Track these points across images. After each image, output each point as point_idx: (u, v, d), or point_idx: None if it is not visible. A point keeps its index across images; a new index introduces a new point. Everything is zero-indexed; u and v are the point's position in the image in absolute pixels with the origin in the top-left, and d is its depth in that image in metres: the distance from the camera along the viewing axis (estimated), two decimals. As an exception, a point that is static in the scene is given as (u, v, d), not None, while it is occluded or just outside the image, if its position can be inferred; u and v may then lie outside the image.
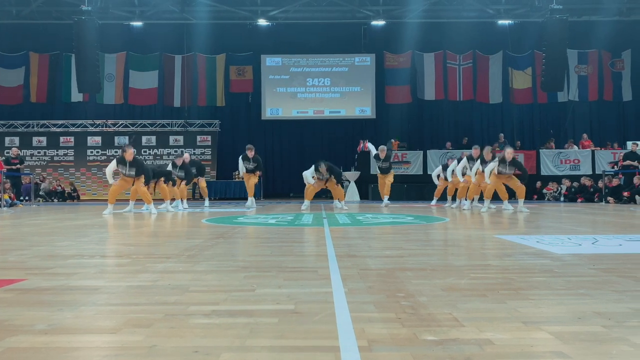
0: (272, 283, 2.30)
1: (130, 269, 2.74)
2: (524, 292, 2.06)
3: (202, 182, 11.26)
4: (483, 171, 9.00)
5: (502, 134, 17.19)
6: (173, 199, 9.87)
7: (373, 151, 11.08)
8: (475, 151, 9.66)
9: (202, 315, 1.74)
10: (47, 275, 2.51)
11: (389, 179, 10.93)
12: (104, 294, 2.09)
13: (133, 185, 8.67)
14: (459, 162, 10.13)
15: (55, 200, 15.94)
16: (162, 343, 1.45)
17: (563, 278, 2.37)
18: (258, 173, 10.66)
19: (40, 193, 15.50)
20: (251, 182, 10.60)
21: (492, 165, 8.79)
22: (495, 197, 9.17)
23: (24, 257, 3.15)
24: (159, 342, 1.45)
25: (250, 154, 10.51)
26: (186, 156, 11.01)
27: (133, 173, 8.45)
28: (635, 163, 12.98)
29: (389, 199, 10.87)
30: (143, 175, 8.56)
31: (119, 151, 10.26)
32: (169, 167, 10.49)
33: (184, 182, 10.39)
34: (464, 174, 9.79)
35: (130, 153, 8.43)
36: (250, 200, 10.60)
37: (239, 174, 12.05)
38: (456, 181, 10.15)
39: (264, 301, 1.94)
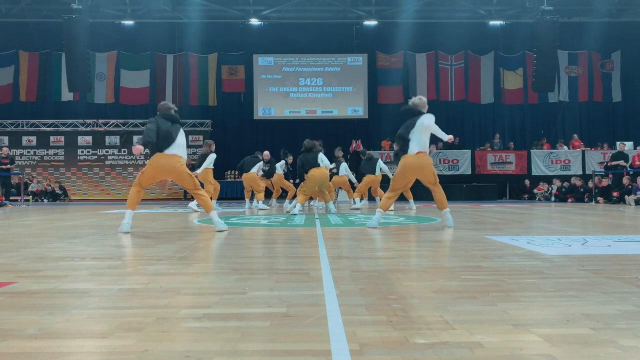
0: (263, 285, 2.30)
1: (122, 271, 2.73)
2: (514, 294, 2.08)
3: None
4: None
5: (497, 134, 17.32)
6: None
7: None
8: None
9: (193, 319, 1.74)
10: (37, 278, 2.49)
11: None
12: (94, 297, 2.08)
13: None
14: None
15: (46, 200, 15.82)
16: (153, 347, 1.44)
17: (553, 280, 2.40)
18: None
19: (28, 192, 15.40)
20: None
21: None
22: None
23: (14, 259, 3.13)
24: (150, 347, 1.45)
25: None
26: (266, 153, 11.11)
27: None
28: (622, 162, 13.12)
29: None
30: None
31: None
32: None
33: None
34: None
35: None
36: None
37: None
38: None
39: (256, 304, 1.94)
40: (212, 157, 9.50)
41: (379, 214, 5.39)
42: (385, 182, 11.47)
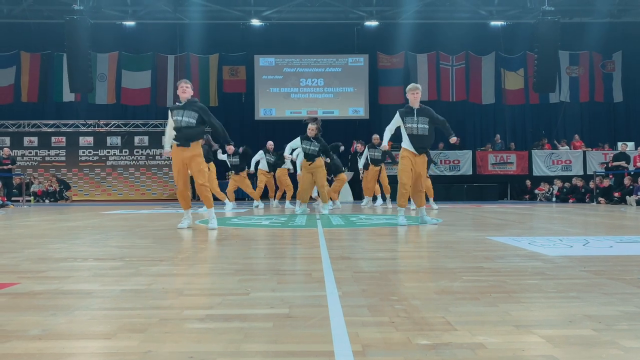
0: (266, 286, 2.30)
1: (124, 272, 2.73)
2: (516, 295, 2.08)
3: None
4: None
5: (498, 135, 17.31)
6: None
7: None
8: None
9: (196, 319, 1.74)
10: (40, 279, 2.49)
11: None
12: (97, 298, 2.08)
13: None
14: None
15: (47, 200, 15.84)
16: (157, 348, 1.45)
17: (554, 281, 2.40)
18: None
19: (29, 192, 15.44)
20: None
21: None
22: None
23: (16, 260, 3.13)
24: (153, 348, 1.45)
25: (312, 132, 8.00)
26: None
27: None
28: (624, 163, 13.11)
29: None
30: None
31: None
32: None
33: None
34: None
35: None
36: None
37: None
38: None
39: (258, 305, 1.95)
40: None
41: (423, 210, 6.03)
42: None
